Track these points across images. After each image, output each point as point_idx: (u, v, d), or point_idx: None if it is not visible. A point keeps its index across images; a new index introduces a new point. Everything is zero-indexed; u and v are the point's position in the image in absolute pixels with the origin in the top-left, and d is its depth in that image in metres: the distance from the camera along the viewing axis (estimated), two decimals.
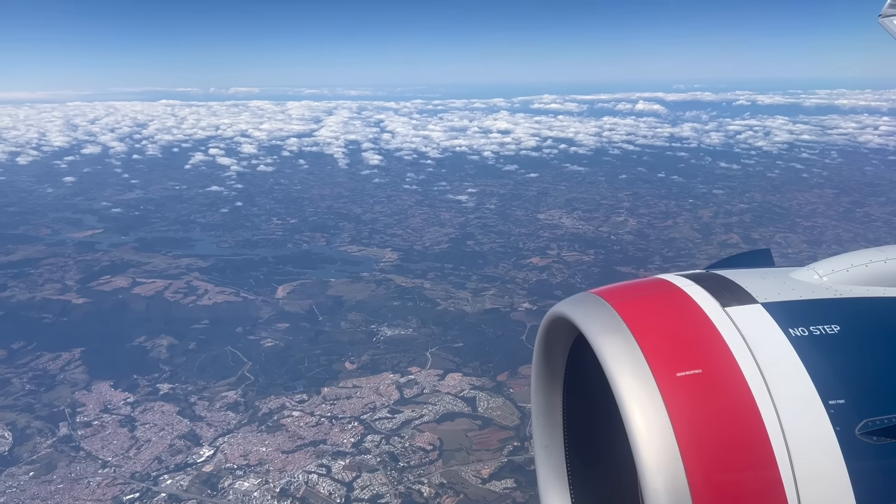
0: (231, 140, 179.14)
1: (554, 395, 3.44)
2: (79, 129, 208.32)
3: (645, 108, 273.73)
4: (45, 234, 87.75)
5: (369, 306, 61.17)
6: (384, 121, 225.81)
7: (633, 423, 2.39)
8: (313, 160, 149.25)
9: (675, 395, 2.43)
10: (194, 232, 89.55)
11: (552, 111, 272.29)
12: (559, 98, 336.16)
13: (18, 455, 38.73)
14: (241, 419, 42.48)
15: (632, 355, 2.55)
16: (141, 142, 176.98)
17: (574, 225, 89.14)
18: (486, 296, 63.00)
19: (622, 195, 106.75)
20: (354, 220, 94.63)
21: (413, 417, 42.49)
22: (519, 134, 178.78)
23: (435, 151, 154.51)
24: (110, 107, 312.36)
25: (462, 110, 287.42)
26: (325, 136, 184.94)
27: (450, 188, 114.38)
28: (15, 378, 47.98)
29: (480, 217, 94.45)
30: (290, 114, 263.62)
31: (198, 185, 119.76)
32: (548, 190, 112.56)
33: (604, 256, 75.44)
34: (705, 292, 2.88)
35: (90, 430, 41.15)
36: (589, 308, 2.89)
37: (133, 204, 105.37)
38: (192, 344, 53.52)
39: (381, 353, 51.95)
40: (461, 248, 79.89)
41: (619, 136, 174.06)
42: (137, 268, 71.61)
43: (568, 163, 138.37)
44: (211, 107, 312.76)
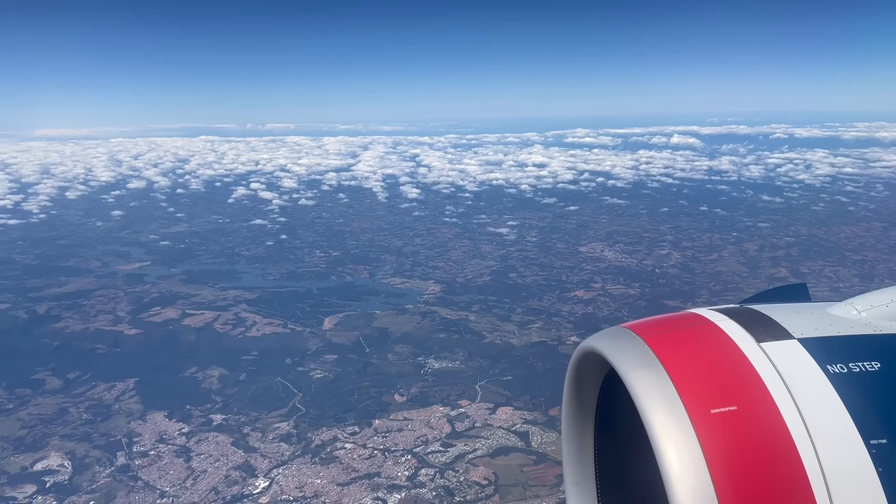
0: (271, 175, 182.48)
1: (585, 431, 3.40)
2: (123, 165, 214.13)
3: (680, 142, 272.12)
4: (96, 266, 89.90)
5: (415, 338, 61.17)
6: (419, 155, 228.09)
7: (667, 460, 2.34)
8: (353, 194, 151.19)
9: (709, 432, 2.38)
10: (240, 264, 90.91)
11: (586, 145, 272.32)
12: (592, 132, 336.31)
13: (78, 484, 39.19)
14: (294, 451, 42.51)
15: (664, 391, 2.51)
16: (184, 176, 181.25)
17: (617, 258, 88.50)
18: (532, 329, 62.61)
19: (664, 228, 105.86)
20: (396, 253, 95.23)
21: (466, 451, 42.10)
22: (555, 167, 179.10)
23: (472, 185, 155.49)
24: (152, 143, 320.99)
25: (496, 144, 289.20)
26: (363, 170, 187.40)
27: (489, 221, 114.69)
28: (72, 407, 48.77)
29: (521, 250, 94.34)
30: (327, 149, 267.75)
31: (241, 219, 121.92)
32: (588, 223, 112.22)
33: (650, 290, 74.59)
34: (740, 327, 2.84)
35: (147, 460, 41.52)
36: (620, 342, 2.85)
37: (179, 237, 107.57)
38: (242, 375, 53.97)
39: (430, 385, 51.74)
40: (504, 280, 79.77)
41: (656, 170, 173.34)
42: (186, 299, 72.79)
43: (607, 195, 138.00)
44: (249, 142, 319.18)
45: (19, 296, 74.67)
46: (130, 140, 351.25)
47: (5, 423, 46.37)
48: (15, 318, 67.52)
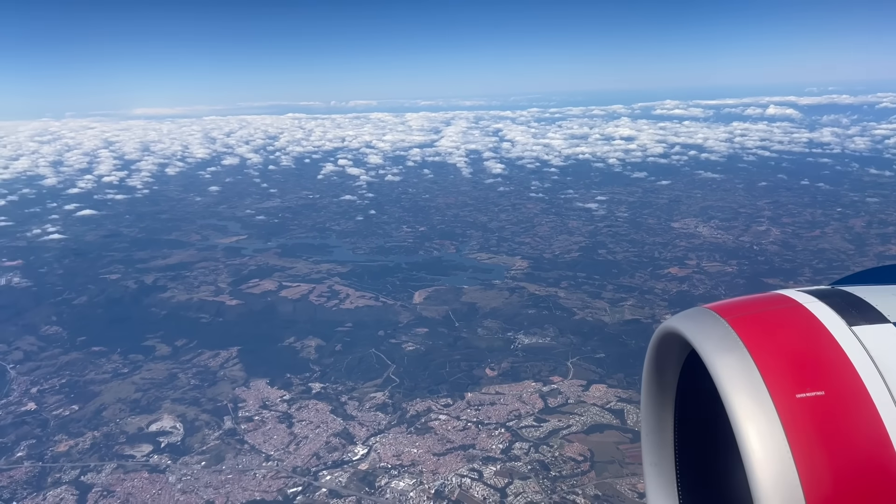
0: (357, 151, 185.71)
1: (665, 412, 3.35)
2: (217, 142, 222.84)
3: (777, 113, 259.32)
4: (196, 239, 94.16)
5: (504, 314, 61.18)
6: (502, 130, 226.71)
7: (749, 444, 2.27)
8: (437, 169, 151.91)
9: (794, 417, 2.29)
10: (331, 239, 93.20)
11: (676, 117, 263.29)
12: (682, 104, 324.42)
13: (190, 445, 41.46)
14: (390, 420, 43.50)
15: (748, 374, 2.42)
16: (274, 153, 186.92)
17: (712, 234, 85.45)
18: (624, 306, 61.47)
19: (762, 203, 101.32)
20: (481, 228, 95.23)
21: (560, 427, 41.94)
22: (644, 140, 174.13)
23: (557, 159, 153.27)
24: (242, 120, 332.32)
25: (580, 118, 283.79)
26: (446, 145, 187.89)
27: (577, 196, 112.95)
28: (181, 373, 51.52)
29: (611, 225, 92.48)
30: (410, 125, 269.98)
31: (330, 194, 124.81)
32: (680, 198, 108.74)
33: (748, 267, 71.72)
34: (830, 310, 2.71)
35: (252, 425, 43.45)
36: (703, 324, 2.77)
37: (272, 212, 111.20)
38: (338, 346, 55.50)
39: (521, 360, 51.71)
40: (593, 256, 78.51)
41: (752, 142, 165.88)
42: (282, 272, 75.34)
43: (700, 169, 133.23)
44: (334, 119, 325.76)
45: (128, 267, 79.27)
46: (222, 118, 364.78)
47: (122, 385, 49.51)
48: (126, 288, 71.75)
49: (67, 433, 42.94)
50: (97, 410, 45.83)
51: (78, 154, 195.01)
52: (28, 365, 53.66)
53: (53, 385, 50.01)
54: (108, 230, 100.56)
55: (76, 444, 41.67)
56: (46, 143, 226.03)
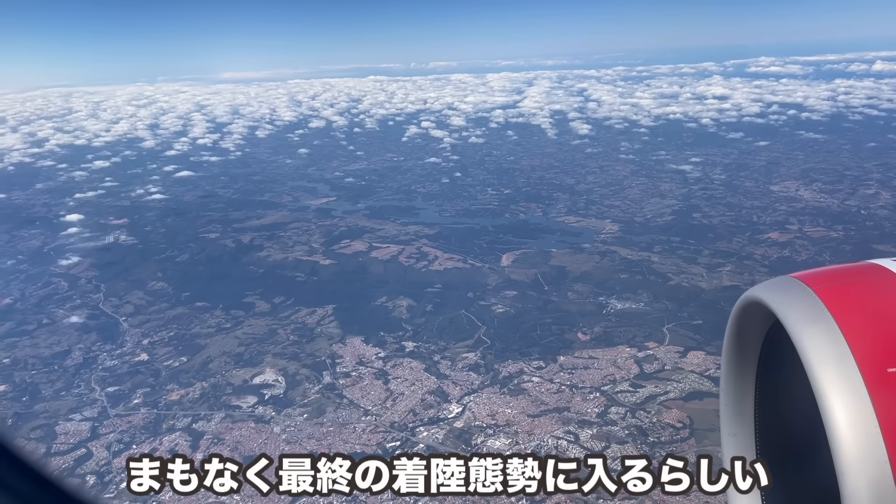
0: (440, 113, 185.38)
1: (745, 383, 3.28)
2: (302, 105, 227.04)
3: (885, 69, 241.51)
4: (288, 200, 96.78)
5: (595, 278, 60.29)
6: (587, 90, 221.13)
7: (834, 419, 2.16)
8: (521, 131, 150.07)
9: (884, 392, 2.18)
10: (417, 201, 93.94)
11: (772, 74, 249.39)
12: (779, 60, 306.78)
13: (292, 398, 43.14)
14: (483, 380, 43.89)
15: (835, 347, 2.30)
16: (359, 116, 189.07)
17: (815, 198, 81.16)
18: (722, 272, 59.45)
19: (869, 165, 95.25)
20: (568, 191, 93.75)
21: (657, 393, 41.26)
22: (738, 99, 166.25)
23: (647, 119, 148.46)
24: (326, 84, 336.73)
25: (669, 76, 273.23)
26: (530, 106, 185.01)
27: (669, 157, 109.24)
28: (280, 329, 53.45)
29: (705, 188, 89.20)
30: (491, 86, 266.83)
31: (415, 157, 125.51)
32: (779, 160, 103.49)
33: (855, 233, 67.89)
34: None
35: (350, 381, 44.75)
36: (789, 294, 2.66)
37: (359, 174, 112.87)
38: (428, 306, 56.18)
39: (614, 325, 50.97)
40: (687, 220, 76.08)
41: (857, 101, 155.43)
42: (371, 233, 76.62)
43: (801, 130, 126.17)
44: (415, 81, 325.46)
45: (226, 227, 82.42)
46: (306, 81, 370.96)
47: (226, 339, 51.86)
48: (224, 247, 74.73)
49: (178, 383, 45.45)
50: (204, 362, 48.25)
51: (172, 117, 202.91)
52: (138, 318, 56.86)
53: (163, 338, 52.88)
54: (205, 191, 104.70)
55: (186, 393, 44.08)
56: (143, 108, 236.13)
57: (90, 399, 43.56)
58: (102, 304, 59.69)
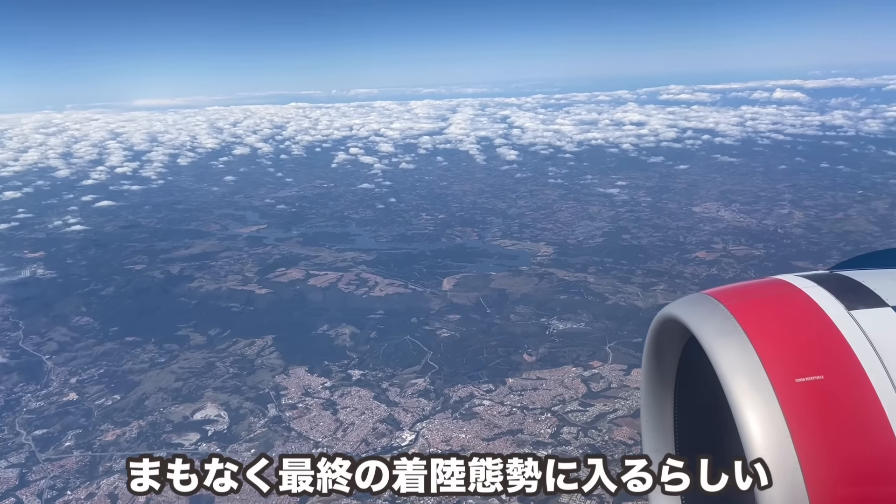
0: (367, 139, 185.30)
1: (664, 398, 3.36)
2: (224, 132, 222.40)
3: (784, 97, 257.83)
4: (216, 229, 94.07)
5: (535, 300, 61.11)
6: (510, 116, 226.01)
7: (749, 430, 2.27)
8: (450, 157, 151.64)
9: (793, 402, 2.29)
10: (351, 227, 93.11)
11: (683, 101, 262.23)
12: (688, 88, 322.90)
13: (237, 433, 41.50)
14: (434, 406, 43.48)
15: (747, 359, 2.42)
16: (284, 142, 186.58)
17: (735, 218, 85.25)
18: (656, 290, 61.36)
19: (781, 186, 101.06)
20: (501, 215, 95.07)
21: (606, 411, 41.92)
22: (655, 125, 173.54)
23: (570, 145, 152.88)
24: (246, 110, 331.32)
25: (586, 103, 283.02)
26: (456, 133, 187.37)
27: (597, 181, 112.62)
28: (218, 362, 51.51)
29: (632, 210, 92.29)
30: (416, 113, 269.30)
31: (346, 183, 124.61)
32: (698, 182, 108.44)
33: (775, 250, 71.59)
34: (828, 294, 2.70)
35: (297, 412, 43.45)
36: (702, 309, 2.77)
37: (289, 201, 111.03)
38: (372, 333, 55.45)
39: (558, 346, 51.67)
40: (618, 241, 78.36)
41: (764, 126, 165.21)
42: (307, 261, 75.27)
43: (716, 154, 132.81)
44: (339, 108, 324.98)
45: (152, 257, 79.22)
46: (226, 108, 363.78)
47: (161, 375, 49.54)
48: (152, 279, 71.75)
49: (113, 422, 42.97)
50: (139, 400, 45.87)
51: (86, 146, 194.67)
52: (64, 356, 53.67)
53: (92, 375, 50.03)
54: (128, 221, 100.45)
55: (123, 433, 41.71)
56: (52, 135, 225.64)
57: (16, 444, 40.60)
58: (22, 342, 56.07)
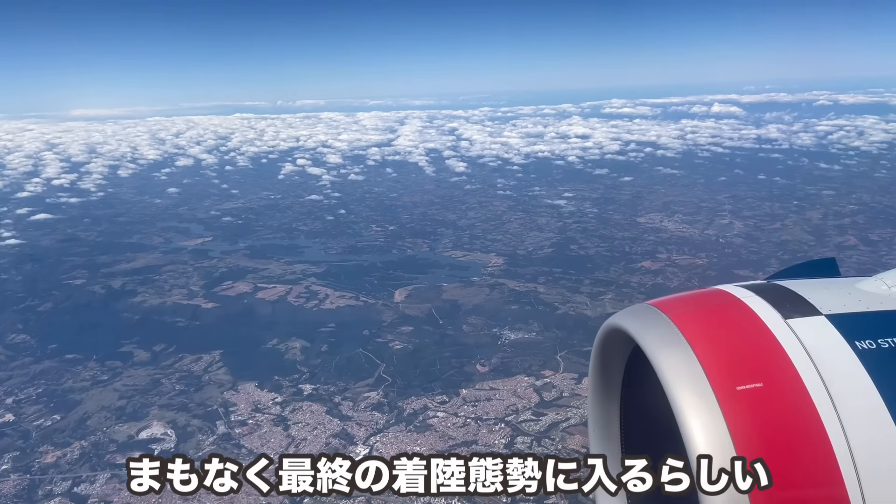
0: (314, 151, 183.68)
1: (611, 407, 3.42)
2: (166, 143, 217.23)
3: (722, 111, 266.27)
4: (159, 242, 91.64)
5: (487, 310, 61.44)
6: (458, 129, 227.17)
7: (692, 437, 2.36)
8: (399, 168, 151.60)
9: (735, 409, 2.38)
10: (300, 239, 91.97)
11: (626, 115, 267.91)
12: (630, 102, 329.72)
13: (185, 451, 40.29)
14: (387, 419, 43.22)
15: (690, 368, 2.51)
16: (229, 153, 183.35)
17: (678, 228, 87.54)
18: (604, 300, 62.44)
19: (721, 198, 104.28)
20: (452, 227, 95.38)
21: (559, 420, 42.38)
22: (599, 138, 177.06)
23: (518, 157, 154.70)
24: (189, 121, 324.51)
25: (532, 116, 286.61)
26: (404, 144, 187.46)
27: (545, 193, 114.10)
28: (164, 379, 50.08)
29: (579, 221, 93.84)
30: (363, 124, 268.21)
31: (293, 194, 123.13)
32: (642, 193, 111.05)
33: (717, 260, 73.76)
34: (766, 304, 2.81)
35: (247, 429, 42.57)
36: (646, 320, 2.85)
37: (235, 213, 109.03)
38: (323, 346, 54.80)
39: (510, 356, 52.03)
40: (566, 252, 79.52)
41: (704, 139, 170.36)
42: (255, 273, 73.97)
43: (658, 166, 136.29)
44: (284, 119, 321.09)
45: (92, 272, 76.58)
46: (167, 119, 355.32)
47: (104, 393, 47.86)
48: (93, 294, 69.37)
49: (53, 444, 41.30)
50: (81, 419, 44.22)
51: (20, 157, 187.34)
52: None
53: (29, 395, 48.02)
54: (66, 234, 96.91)
55: (64, 454, 40.12)
56: None
57: None
58: None
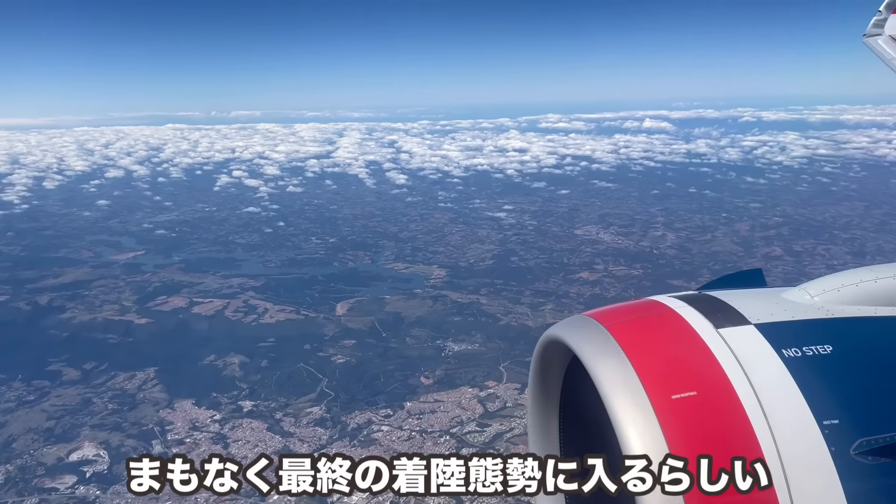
0: (251, 162, 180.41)
1: (550, 417, 3.48)
2: (95, 154, 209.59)
3: (653, 126, 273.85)
4: (88, 256, 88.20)
5: (430, 322, 61.51)
6: (397, 141, 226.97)
7: (629, 445, 2.44)
8: (338, 180, 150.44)
9: (670, 417, 2.47)
10: (237, 252, 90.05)
11: (561, 130, 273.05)
12: (565, 117, 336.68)
13: (118, 473, 38.77)
14: (331, 434, 42.68)
15: (627, 378, 2.58)
16: (161, 165, 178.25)
17: (614, 240, 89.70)
18: (545, 310, 63.34)
19: (654, 210, 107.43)
20: (393, 239, 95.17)
21: (503, 430, 42.72)
22: (536, 152, 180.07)
23: (458, 170, 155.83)
24: (119, 131, 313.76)
25: (471, 130, 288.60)
26: (344, 156, 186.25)
27: (485, 205, 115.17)
28: (96, 398, 48.15)
29: (518, 233, 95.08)
30: (301, 136, 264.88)
31: (229, 207, 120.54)
32: (579, 206, 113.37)
33: (651, 270, 75.91)
34: (698, 314, 2.93)
35: (185, 448, 41.24)
36: (584, 331, 2.92)
37: (169, 226, 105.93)
38: (263, 361, 53.74)
39: (454, 367, 52.19)
40: (506, 264, 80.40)
41: (637, 153, 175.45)
42: (191, 288, 71.99)
43: (594, 179, 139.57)
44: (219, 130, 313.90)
45: (17, 287, 73.07)
46: (96, 129, 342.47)
47: (30, 414, 45.66)
48: (18, 310, 66.17)
49: None
50: (6, 442, 42.05)
51: None
52: None
53: None
54: None
55: None
56: None
57: None
58: None
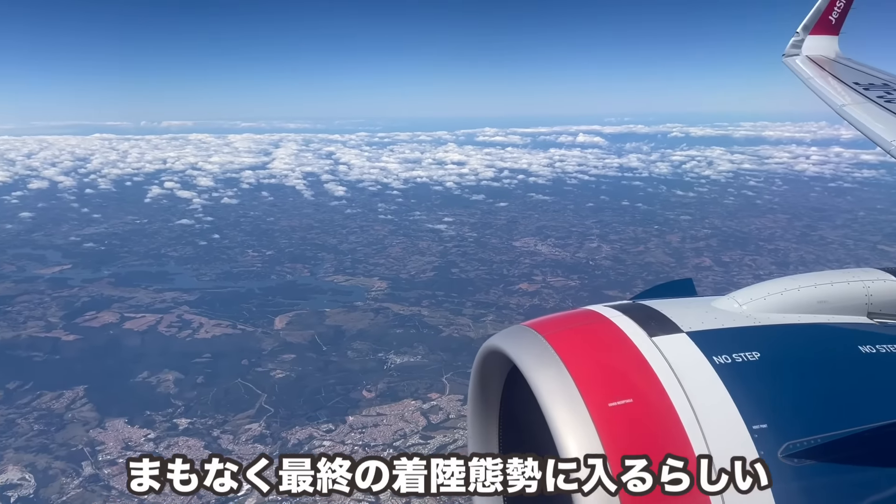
0: (183, 173, 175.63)
1: (490, 426, 3.51)
2: (17, 164, 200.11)
3: (586, 141, 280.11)
4: (11, 270, 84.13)
5: (372, 335, 61.13)
6: (335, 153, 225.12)
7: (567, 450, 2.50)
8: (275, 192, 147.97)
9: (607, 424, 2.53)
10: (169, 265, 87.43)
11: (498, 143, 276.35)
12: (501, 131, 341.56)
13: (46, 497, 37.10)
14: (271, 451, 41.68)
15: (565, 387, 2.63)
16: (89, 176, 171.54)
17: (551, 252, 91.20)
18: (486, 321, 63.80)
19: (590, 223, 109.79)
20: (332, 251, 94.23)
21: (447, 442, 42.69)
22: (474, 165, 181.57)
23: (397, 182, 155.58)
24: (42, 141, 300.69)
25: (409, 142, 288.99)
26: (281, 168, 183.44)
27: (426, 217, 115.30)
28: (20, 419, 45.85)
29: (458, 245, 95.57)
30: (235, 147, 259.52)
31: (161, 219, 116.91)
32: (517, 219, 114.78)
33: (588, 281, 77.51)
34: (633, 323, 3.02)
35: (117, 469, 39.64)
36: (523, 341, 2.97)
37: (97, 238, 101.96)
38: (199, 378, 52.29)
39: (396, 380, 51.97)
40: (447, 275, 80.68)
41: (571, 167, 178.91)
42: (121, 303, 69.47)
43: (531, 192, 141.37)
44: (150, 140, 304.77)
45: None
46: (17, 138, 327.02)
47: None
48: None
49: None
50: None
51: None
52: None
53: None
54: None
55: None
56: None
57: None
58: None
